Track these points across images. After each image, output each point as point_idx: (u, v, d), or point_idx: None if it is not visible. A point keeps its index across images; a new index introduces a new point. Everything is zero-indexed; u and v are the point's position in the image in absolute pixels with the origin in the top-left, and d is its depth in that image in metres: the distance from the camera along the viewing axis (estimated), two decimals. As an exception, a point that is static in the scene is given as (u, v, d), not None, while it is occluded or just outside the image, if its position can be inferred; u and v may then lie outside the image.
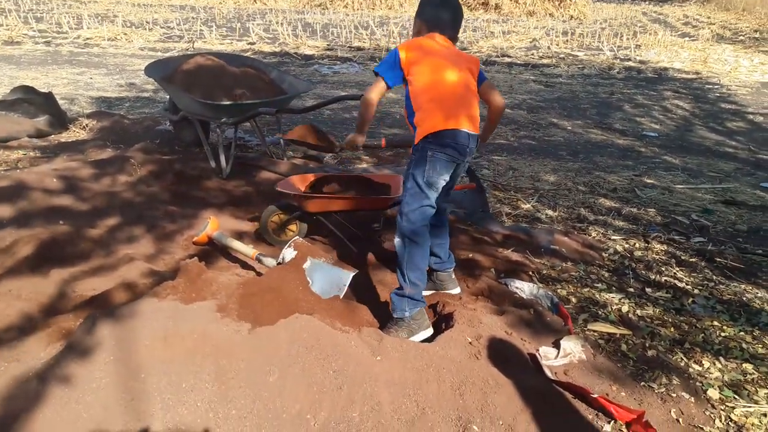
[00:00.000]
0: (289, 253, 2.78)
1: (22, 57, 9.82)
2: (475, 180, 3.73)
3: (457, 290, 2.90)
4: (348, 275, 2.73)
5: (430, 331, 2.56)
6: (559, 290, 3.05)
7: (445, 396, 2.07)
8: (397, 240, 2.57)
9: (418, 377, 2.11)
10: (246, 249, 3.01)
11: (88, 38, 12.06)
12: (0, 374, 1.88)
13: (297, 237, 3.00)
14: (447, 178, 2.54)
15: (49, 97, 5.54)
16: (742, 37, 15.73)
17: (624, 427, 2.06)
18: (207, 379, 1.89)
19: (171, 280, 2.51)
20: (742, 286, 3.19)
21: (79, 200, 3.58)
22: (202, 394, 1.86)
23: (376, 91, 2.56)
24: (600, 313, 2.84)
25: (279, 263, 2.79)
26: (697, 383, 2.32)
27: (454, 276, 2.91)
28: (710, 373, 2.42)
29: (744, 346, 2.61)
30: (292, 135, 3.16)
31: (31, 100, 5.44)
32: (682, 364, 2.47)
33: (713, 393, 2.27)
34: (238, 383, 1.90)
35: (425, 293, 2.77)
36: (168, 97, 5.02)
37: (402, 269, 2.55)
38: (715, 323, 2.79)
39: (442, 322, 2.65)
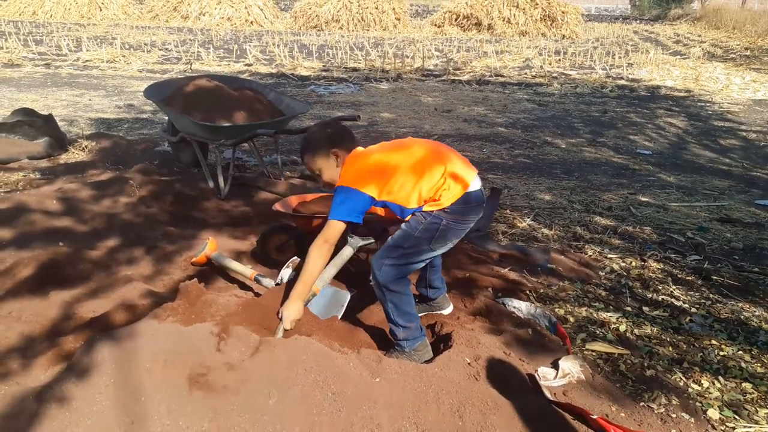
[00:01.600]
0: (287, 274, 2.79)
1: (22, 79, 9.89)
2: (494, 200, 3.78)
3: (449, 309, 2.90)
4: (346, 295, 2.73)
5: (430, 356, 2.53)
6: (556, 309, 3.06)
7: (444, 418, 2.07)
8: (375, 287, 2.46)
9: (417, 399, 2.11)
10: (244, 270, 3.02)
11: (87, 60, 12.16)
12: (0, 397, 1.87)
13: (295, 258, 3.00)
14: (451, 246, 2.50)
15: (49, 119, 5.58)
16: (733, 55, 15.94)
17: (624, 447, 2.06)
18: (207, 403, 1.89)
19: (170, 301, 2.51)
20: (740, 304, 3.20)
21: (79, 222, 3.59)
22: (202, 417, 1.86)
23: (336, 236, 2.38)
24: (598, 332, 2.85)
25: (277, 284, 2.80)
26: (697, 403, 2.32)
27: (447, 295, 2.92)
28: (710, 392, 2.43)
29: (743, 365, 2.62)
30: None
31: (32, 122, 5.47)
32: (681, 383, 2.47)
33: (713, 413, 2.28)
34: (238, 406, 1.90)
35: (420, 314, 2.75)
36: (167, 118, 5.06)
37: (391, 318, 2.47)
38: (714, 342, 2.80)
39: (440, 343, 2.65)
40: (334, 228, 2.38)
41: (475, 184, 2.48)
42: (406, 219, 2.44)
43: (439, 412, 2.07)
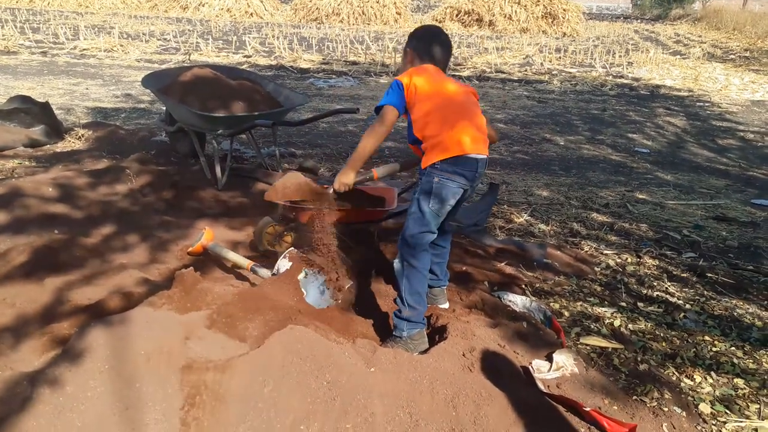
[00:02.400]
0: (283, 264, 2.79)
1: (19, 67, 9.83)
2: (492, 194, 3.80)
3: (445, 305, 2.90)
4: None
5: (426, 347, 2.54)
6: (551, 304, 3.07)
7: (438, 408, 2.07)
8: (396, 263, 2.56)
9: (411, 389, 2.12)
10: (241, 260, 3.02)
11: (84, 49, 12.10)
12: (-6, 382, 1.87)
13: (292, 248, 3.00)
14: (453, 203, 2.52)
15: (45, 107, 5.55)
16: (732, 56, 15.96)
17: (616, 440, 2.07)
18: (202, 390, 1.89)
19: (166, 289, 2.51)
20: (733, 301, 3.22)
21: (75, 209, 3.58)
22: (197, 405, 1.86)
23: (390, 118, 2.49)
24: (592, 326, 2.86)
25: (274, 274, 2.80)
26: (689, 398, 2.34)
27: (445, 291, 2.92)
28: (702, 387, 2.44)
29: (735, 361, 2.63)
30: (275, 196, 3.10)
31: (28, 110, 5.44)
32: (674, 378, 2.48)
33: (705, 408, 2.29)
34: (233, 394, 1.90)
35: None
36: (164, 108, 5.04)
37: (401, 293, 2.53)
38: (707, 338, 2.81)
39: (435, 334, 2.66)
40: (384, 111, 2.51)
41: (474, 151, 2.48)
42: (410, 146, 2.61)
43: (433, 402, 2.08)
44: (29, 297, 2.58)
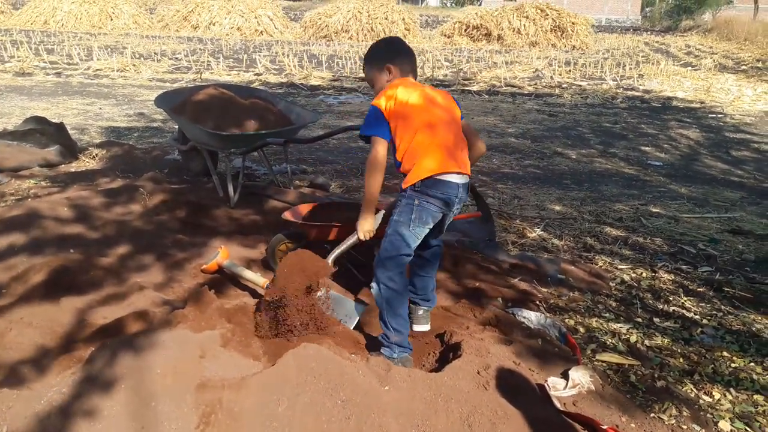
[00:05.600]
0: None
1: (34, 88, 10.00)
2: (483, 209, 3.75)
3: (425, 328, 2.78)
4: (360, 307, 2.74)
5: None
6: (566, 320, 3.04)
7: (453, 427, 2.06)
8: (373, 286, 2.52)
9: (426, 408, 2.11)
10: (256, 278, 3.03)
11: (97, 69, 12.29)
12: (12, 402, 1.88)
13: None
14: (431, 227, 2.50)
15: (60, 127, 5.63)
16: (744, 67, 15.89)
17: (635, 459, 2.04)
18: (217, 408, 1.89)
19: (181, 308, 2.52)
20: (751, 316, 3.18)
21: (90, 229, 3.62)
22: (212, 423, 1.86)
23: (381, 152, 2.43)
24: (608, 343, 2.83)
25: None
26: (708, 415, 2.30)
27: (423, 314, 2.78)
28: (721, 404, 2.40)
29: (754, 377, 2.59)
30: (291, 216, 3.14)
31: (43, 130, 5.53)
32: (692, 395, 2.45)
33: (724, 425, 2.25)
34: (248, 412, 1.90)
35: None
36: (177, 127, 5.10)
37: (383, 318, 2.51)
38: (725, 354, 2.77)
39: (449, 352, 2.64)
40: (372, 144, 2.47)
41: (449, 173, 2.43)
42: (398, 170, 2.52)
43: (448, 420, 2.07)
44: (46, 316, 2.61)
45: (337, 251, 2.67)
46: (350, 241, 2.65)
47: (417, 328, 2.75)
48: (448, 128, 2.50)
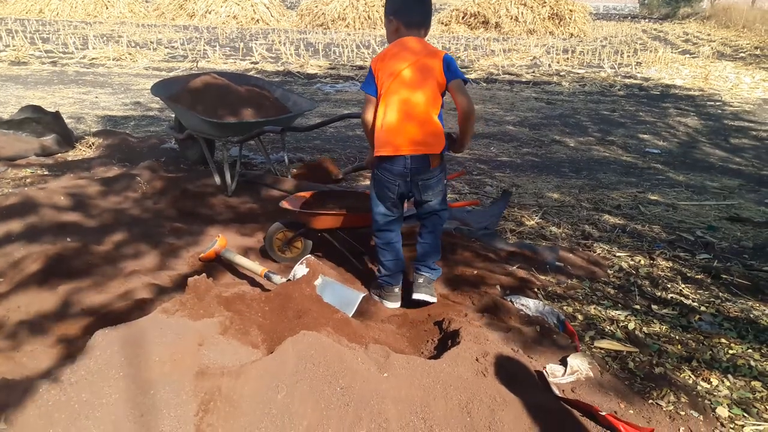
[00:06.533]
0: (300, 270, 2.79)
1: (29, 77, 9.93)
2: (504, 200, 3.82)
3: (423, 297, 2.86)
4: (358, 296, 2.74)
5: (393, 305, 2.93)
6: (565, 307, 3.05)
7: (452, 413, 2.06)
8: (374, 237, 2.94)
9: (425, 394, 2.11)
10: (254, 266, 3.02)
11: (93, 58, 12.20)
12: (10, 390, 1.87)
13: (309, 255, 3.01)
14: (393, 193, 2.75)
15: (56, 116, 5.60)
16: (742, 54, 15.84)
17: (633, 444, 2.05)
18: (216, 396, 1.89)
19: (179, 296, 2.51)
20: (749, 303, 3.18)
21: (87, 217, 3.60)
22: (211, 411, 1.86)
23: (369, 110, 2.74)
24: (606, 330, 2.84)
25: (289, 280, 2.80)
26: (706, 401, 2.31)
27: (424, 282, 2.88)
28: (719, 390, 2.41)
29: (752, 363, 2.60)
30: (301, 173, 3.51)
31: (39, 119, 5.49)
32: (690, 381, 2.46)
33: (722, 411, 2.26)
34: (247, 400, 1.90)
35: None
36: (173, 115, 5.07)
37: (378, 258, 2.94)
38: (723, 340, 2.78)
39: (447, 339, 2.64)
40: (365, 102, 2.77)
41: (392, 155, 2.68)
42: None
43: (447, 407, 2.07)
44: (43, 305, 2.60)
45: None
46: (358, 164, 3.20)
47: (418, 296, 2.88)
48: (409, 108, 2.64)
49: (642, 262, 3.65)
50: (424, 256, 2.90)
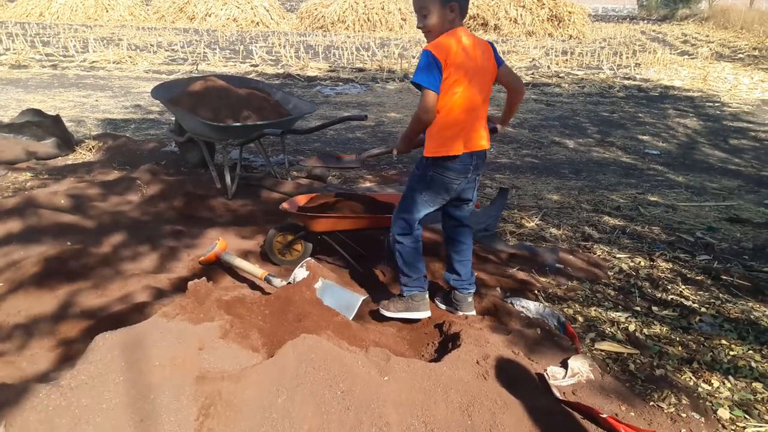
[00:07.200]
0: (300, 273, 2.79)
1: (29, 80, 9.93)
2: (501, 199, 3.82)
3: (471, 312, 2.85)
4: (358, 298, 2.73)
5: (426, 314, 2.75)
6: (565, 309, 3.04)
7: (453, 416, 2.06)
8: (391, 238, 2.76)
9: (425, 397, 2.11)
10: (254, 269, 3.02)
11: (93, 61, 12.20)
12: (10, 395, 1.87)
13: (309, 258, 3.01)
14: (451, 194, 2.62)
15: (56, 119, 5.60)
16: (741, 55, 15.86)
17: (634, 447, 2.05)
18: (217, 400, 1.89)
19: (179, 299, 2.51)
20: (750, 304, 3.18)
21: (87, 220, 3.60)
22: (211, 415, 1.86)
23: (430, 105, 2.43)
24: (607, 332, 2.84)
25: (289, 283, 2.80)
26: (707, 403, 2.31)
27: (471, 300, 2.87)
28: (720, 392, 2.41)
29: (753, 365, 2.60)
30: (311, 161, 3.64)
31: (39, 122, 5.50)
32: (691, 383, 2.45)
33: (723, 413, 2.26)
34: (247, 404, 1.90)
35: (442, 307, 2.93)
36: (174, 118, 5.07)
37: (398, 266, 2.76)
38: (723, 342, 2.78)
39: (448, 342, 2.64)
40: (425, 99, 2.44)
41: (466, 150, 2.57)
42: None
43: (447, 410, 2.07)
44: (43, 308, 2.60)
45: (368, 152, 3.30)
46: (382, 149, 3.29)
47: (464, 312, 2.85)
48: (473, 105, 2.56)
49: (642, 263, 3.65)
50: (469, 274, 2.84)
